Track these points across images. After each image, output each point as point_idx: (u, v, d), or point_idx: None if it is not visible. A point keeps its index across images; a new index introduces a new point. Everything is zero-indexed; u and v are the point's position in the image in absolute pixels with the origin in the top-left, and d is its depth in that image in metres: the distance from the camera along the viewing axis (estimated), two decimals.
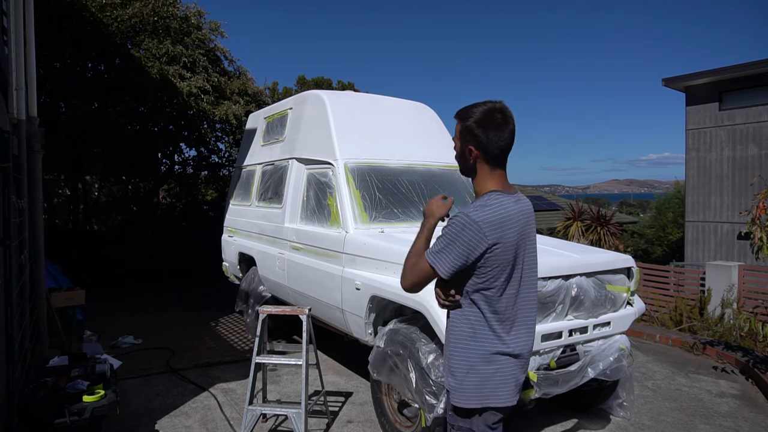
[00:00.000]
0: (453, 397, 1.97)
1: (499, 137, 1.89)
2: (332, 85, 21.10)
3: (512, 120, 1.92)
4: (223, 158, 11.16)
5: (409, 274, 1.93)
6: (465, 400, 1.94)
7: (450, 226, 1.87)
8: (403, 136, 5.02)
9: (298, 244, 4.82)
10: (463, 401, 1.95)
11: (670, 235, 20.82)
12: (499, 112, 1.90)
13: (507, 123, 1.90)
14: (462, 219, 1.84)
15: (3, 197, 3.07)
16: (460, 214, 1.86)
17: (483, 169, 1.94)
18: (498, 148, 1.90)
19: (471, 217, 1.83)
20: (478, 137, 1.90)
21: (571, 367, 3.32)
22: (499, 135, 1.89)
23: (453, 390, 1.97)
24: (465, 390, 1.94)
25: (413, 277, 1.91)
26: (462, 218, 1.84)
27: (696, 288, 8.34)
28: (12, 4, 3.79)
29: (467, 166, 1.99)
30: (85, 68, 8.98)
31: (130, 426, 3.82)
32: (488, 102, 1.94)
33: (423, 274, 1.90)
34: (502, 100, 1.95)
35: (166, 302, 8.26)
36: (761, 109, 12.79)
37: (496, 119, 1.89)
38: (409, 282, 1.93)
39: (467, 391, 1.94)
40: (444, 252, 1.85)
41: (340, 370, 5.13)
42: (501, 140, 1.89)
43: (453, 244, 1.84)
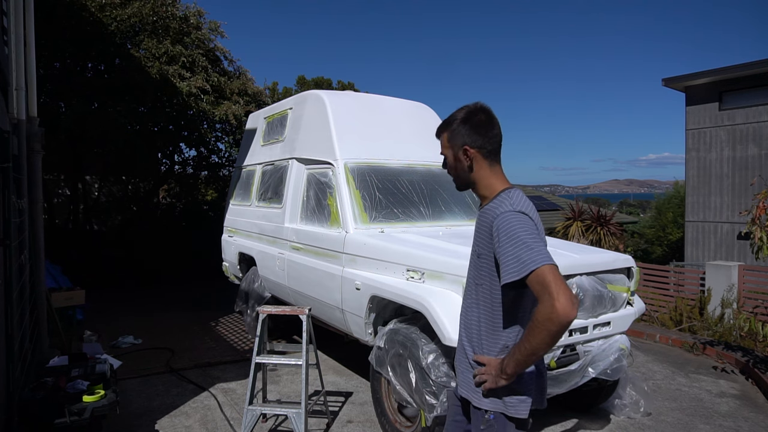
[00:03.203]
0: (515, 407, 1.78)
1: (490, 129, 1.84)
2: (332, 85, 21.10)
3: (494, 114, 1.88)
4: (223, 158, 11.17)
5: (558, 301, 1.53)
6: (526, 408, 1.79)
7: (506, 228, 1.68)
8: (403, 136, 5.02)
9: (298, 244, 4.82)
10: (524, 410, 1.79)
11: (670, 235, 20.83)
12: (480, 110, 1.86)
13: (491, 116, 1.86)
14: (508, 216, 1.69)
15: (3, 197, 3.07)
16: (504, 213, 1.71)
17: (483, 169, 1.85)
18: (492, 138, 1.84)
19: (513, 209, 1.71)
20: (469, 134, 1.83)
21: (571, 367, 3.33)
22: (489, 127, 1.84)
23: (516, 398, 1.78)
24: (529, 395, 1.80)
25: (563, 293, 1.54)
26: (507, 216, 1.70)
27: (696, 288, 8.34)
28: (12, 4, 3.78)
29: (464, 171, 1.87)
30: (85, 68, 8.98)
31: (130, 426, 3.82)
32: (465, 106, 1.89)
33: (552, 279, 1.57)
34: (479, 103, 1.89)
35: (166, 302, 8.26)
36: (761, 109, 12.79)
37: (480, 115, 1.85)
38: (563, 301, 1.53)
39: (530, 396, 1.80)
40: (530, 247, 1.62)
41: (340, 370, 5.13)
42: (493, 131, 1.84)
43: (526, 236, 1.65)
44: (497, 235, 1.70)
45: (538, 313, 1.58)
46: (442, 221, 4.51)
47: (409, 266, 3.50)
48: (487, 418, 1.80)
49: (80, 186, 10.96)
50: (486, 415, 1.80)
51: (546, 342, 1.58)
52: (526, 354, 1.64)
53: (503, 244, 1.67)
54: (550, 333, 1.56)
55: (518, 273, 1.61)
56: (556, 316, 1.53)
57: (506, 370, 1.70)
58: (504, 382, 1.73)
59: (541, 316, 1.56)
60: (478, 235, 1.86)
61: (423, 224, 4.40)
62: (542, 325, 1.56)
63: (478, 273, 1.85)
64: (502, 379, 1.72)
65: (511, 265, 1.63)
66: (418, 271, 3.43)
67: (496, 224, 1.72)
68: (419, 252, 3.52)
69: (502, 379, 1.72)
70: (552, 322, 1.54)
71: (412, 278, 3.46)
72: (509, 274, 1.63)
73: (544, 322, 1.56)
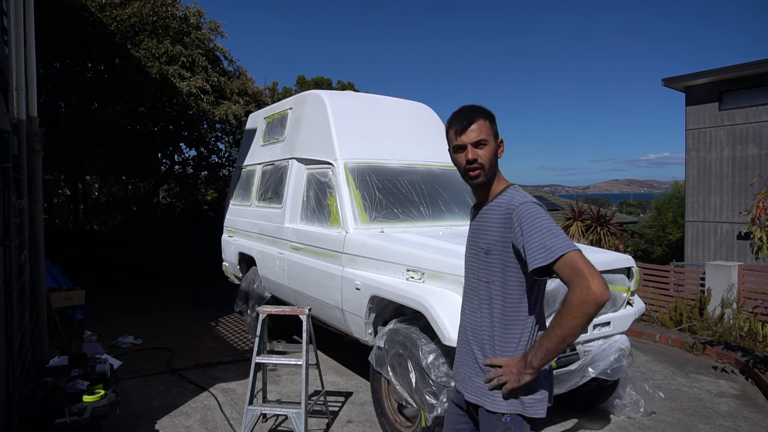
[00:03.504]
0: (533, 407, 1.76)
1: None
2: (332, 85, 21.09)
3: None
4: (223, 158, 11.17)
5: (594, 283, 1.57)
6: (544, 407, 1.78)
7: (529, 217, 1.69)
8: (403, 136, 5.02)
9: (298, 244, 4.82)
10: (542, 409, 1.78)
11: (670, 235, 20.84)
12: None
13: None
14: (530, 206, 1.71)
15: (3, 197, 3.07)
16: (523, 204, 1.72)
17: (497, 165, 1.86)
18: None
19: (532, 201, 1.74)
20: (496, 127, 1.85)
21: (571, 367, 3.32)
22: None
23: (534, 398, 1.76)
24: (546, 392, 1.79)
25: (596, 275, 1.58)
26: (529, 205, 1.71)
27: (696, 288, 8.34)
28: (12, 4, 3.78)
29: (495, 163, 1.83)
30: (85, 68, 8.97)
31: (130, 426, 3.82)
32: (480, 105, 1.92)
33: (584, 263, 1.60)
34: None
35: (166, 302, 8.26)
36: (761, 109, 12.80)
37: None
38: (598, 282, 1.57)
39: (546, 394, 1.80)
40: (555, 234, 1.64)
41: (340, 370, 5.13)
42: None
43: (549, 224, 1.67)
44: (519, 224, 1.69)
45: (573, 296, 1.58)
46: (442, 221, 4.51)
47: (409, 266, 3.51)
48: (504, 421, 1.76)
49: (80, 186, 10.96)
50: (503, 418, 1.76)
51: (581, 325, 1.59)
52: (557, 341, 1.63)
53: (528, 232, 1.67)
54: (587, 315, 1.57)
55: (545, 259, 1.62)
56: (592, 297, 1.55)
57: (532, 363, 1.68)
58: (529, 378, 1.70)
59: (576, 299, 1.57)
60: (484, 231, 1.83)
61: (423, 224, 4.40)
62: (579, 308, 1.57)
63: (488, 270, 1.82)
64: (527, 375, 1.70)
65: (538, 252, 1.63)
66: (418, 271, 3.43)
67: (518, 214, 1.71)
68: (419, 252, 3.52)
69: (527, 375, 1.70)
70: (588, 303, 1.56)
71: (412, 278, 3.46)
72: (537, 260, 1.63)
73: (580, 304, 1.57)
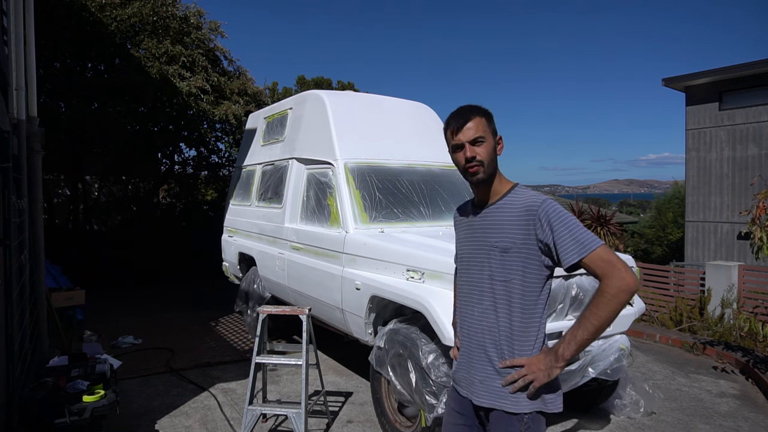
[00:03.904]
0: (553, 403, 1.80)
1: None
2: (332, 85, 21.09)
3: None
4: (223, 158, 11.17)
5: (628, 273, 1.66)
6: (561, 400, 1.82)
7: (558, 214, 1.72)
8: (403, 136, 5.02)
9: (298, 244, 4.82)
10: (560, 403, 1.82)
11: (670, 235, 20.83)
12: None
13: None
14: (553, 203, 1.75)
15: (3, 197, 3.07)
16: (546, 201, 1.75)
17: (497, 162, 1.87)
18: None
19: (548, 198, 1.77)
20: (494, 125, 1.86)
21: (571, 367, 3.32)
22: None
23: (554, 394, 1.81)
24: (560, 387, 1.84)
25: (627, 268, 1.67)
26: (552, 202, 1.75)
27: (696, 288, 8.34)
28: (12, 4, 3.78)
29: (494, 160, 1.83)
30: (85, 68, 8.98)
31: (130, 426, 3.82)
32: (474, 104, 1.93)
33: (614, 255, 1.69)
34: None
35: (166, 302, 8.26)
36: (761, 109, 12.79)
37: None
38: (631, 272, 1.67)
39: (561, 389, 1.85)
40: (584, 229, 1.71)
41: (340, 370, 5.13)
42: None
43: (576, 219, 1.74)
44: (548, 221, 1.71)
45: (610, 287, 1.65)
46: (442, 221, 4.51)
47: (409, 266, 3.50)
48: (526, 420, 1.78)
49: (80, 186, 10.96)
50: (525, 418, 1.78)
51: (615, 313, 1.67)
52: (592, 331, 1.68)
53: (559, 229, 1.70)
54: (622, 303, 1.66)
55: (579, 254, 1.68)
56: (627, 286, 1.64)
57: (564, 355, 1.70)
58: (558, 371, 1.73)
59: (613, 289, 1.65)
60: (501, 229, 1.80)
61: (423, 224, 4.40)
62: (615, 297, 1.65)
63: (506, 269, 1.79)
64: (557, 369, 1.73)
65: (571, 247, 1.69)
66: (418, 271, 3.43)
67: (545, 212, 1.72)
68: (419, 252, 3.52)
69: (557, 369, 1.73)
70: (624, 292, 1.65)
71: (412, 278, 3.46)
72: (571, 255, 1.69)
73: (617, 294, 1.65)
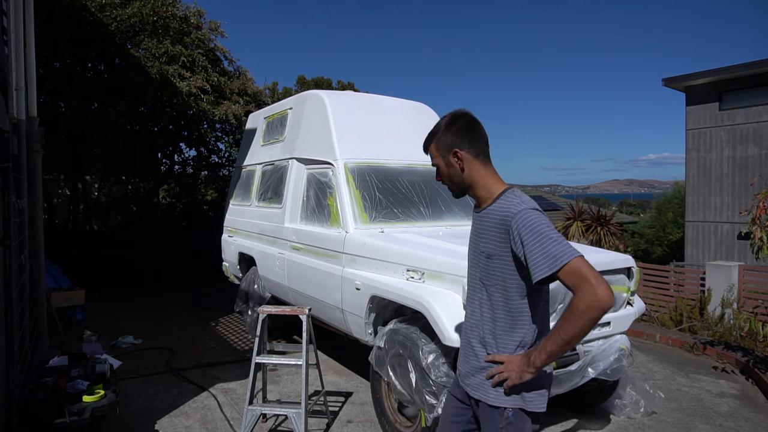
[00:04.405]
0: (534, 402, 1.82)
1: (474, 130, 1.87)
2: (332, 85, 21.11)
3: (475, 117, 1.91)
4: (223, 158, 11.16)
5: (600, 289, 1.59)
6: (544, 401, 1.84)
7: (529, 226, 1.69)
8: (403, 136, 5.02)
9: (298, 244, 4.82)
10: (542, 403, 1.84)
11: (670, 235, 20.84)
12: (462, 114, 1.90)
13: (474, 118, 1.90)
14: (529, 213, 1.71)
15: (3, 197, 3.07)
16: (522, 212, 1.72)
17: (477, 169, 1.86)
18: (478, 138, 1.87)
19: (528, 207, 1.74)
20: (455, 138, 1.86)
21: (571, 367, 3.32)
22: (473, 129, 1.88)
23: (535, 392, 1.82)
24: (546, 387, 1.85)
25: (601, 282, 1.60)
26: (528, 213, 1.71)
27: (696, 288, 8.34)
28: (12, 4, 3.78)
29: (458, 175, 1.87)
30: (85, 68, 8.97)
31: (130, 426, 3.82)
32: (447, 114, 1.92)
33: (588, 269, 1.62)
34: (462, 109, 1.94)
35: (166, 302, 8.26)
36: (761, 109, 12.80)
37: (462, 119, 1.88)
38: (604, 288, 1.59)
39: (547, 389, 1.86)
40: (557, 241, 1.65)
41: (340, 370, 5.13)
42: (477, 132, 1.88)
43: (550, 231, 1.67)
44: (519, 233, 1.70)
45: (580, 302, 1.60)
46: (442, 221, 4.51)
47: (409, 266, 3.50)
48: (507, 416, 1.82)
49: (80, 186, 10.96)
50: (505, 413, 1.82)
51: (585, 329, 1.63)
52: (560, 344, 1.67)
53: (529, 242, 1.67)
54: (592, 320, 1.61)
55: (550, 268, 1.63)
56: (598, 303, 1.58)
57: (535, 363, 1.72)
58: (530, 376, 1.74)
59: (583, 305, 1.60)
60: (484, 235, 1.85)
61: (423, 224, 4.40)
62: (585, 313, 1.60)
63: (488, 274, 1.84)
64: (528, 373, 1.74)
65: (541, 261, 1.65)
66: (418, 271, 3.43)
67: (516, 223, 1.71)
68: (419, 252, 3.52)
69: (528, 373, 1.74)
70: (594, 309, 1.59)
71: (412, 278, 3.46)
72: (541, 270, 1.65)
73: (586, 310, 1.60)
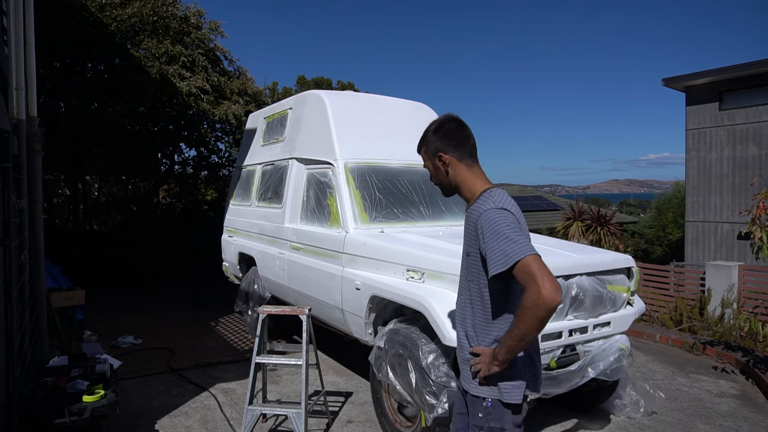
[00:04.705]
0: (509, 393, 1.88)
1: (460, 133, 1.98)
2: (332, 85, 21.11)
3: (463, 121, 2.03)
4: (223, 158, 11.16)
5: (544, 288, 1.65)
6: (519, 393, 1.89)
7: (490, 225, 1.79)
8: (403, 136, 5.02)
9: (298, 244, 4.82)
10: (517, 395, 1.88)
11: (670, 235, 20.84)
12: (449, 119, 2.02)
13: (461, 123, 2.02)
14: (491, 213, 1.81)
15: (3, 197, 3.07)
16: (487, 211, 1.82)
17: (461, 171, 1.98)
18: (464, 142, 1.98)
19: (496, 207, 1.83)
20: (441, 141, 1.98)
21: (571, 367, 3.32)
22: (459, 132, 1.98)
23: (510, 384, 1.88)
24: (523, 380, 1.89)
25: (548, 280, 1.66)
26: (491, 213, 1.81)
27: (696, 288, 8.34)
28: (12, 4, 3.78)
29: (444, 177, 2.01)
30: (85, 68, 8.97)
31: (130, 426, 3.82)
32: (437, 118, 2.07)
33: (537, 268, 1.68)
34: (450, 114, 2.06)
35: (166, 302, 8.26)
36: (761, 109, 12.80)
37: (449, 124, 2.00)
38: (549, 287, 1.65)
39: (524, 381, 1.90)
40: (513, 240, 1.73)
41: (340, 370, 5.13)
42: (463, 135, 1.98)
43: (509, 230, 1.76)
44: (482, 231, 1.82)
45: (526, 301, 1.69)
46: (442, 221, 4.51)
47: (409, 266, 3.50)
48: (485, 406, 1.90)
49: (80, 186, 10.96)
50: (484, 403, 1.91)
51: (535, 327, 1.70)
52: (516, 340, 1.75)
53: (488, 240, 1.79)
54: (539, 318, 1.68)
55: (504, 264, 1.73)
56: (543, 301, 1.65)
57: (498, 357, 1.82)
58: (497, 369, 1.84)
59: (529, 303, 1.68)
60: (467, 234, 1.98)
61: (423, 224, 4.40)
62: (530, 311, 1.68)
63: (469, 271, 1.96)
64: (495, 366, 1.83)
65: (497, 258, 1.75)
66: (418, 271, 3.43)
67: (480, 222, 1.83)
68: (419, 252, 3.52)
69: (495, 366, 1.83)
70: (539, 307, 1.66)
71: (412, 278, 3.46)
72: (495, 267, 1.75)
73: (532, 308, 1.67)
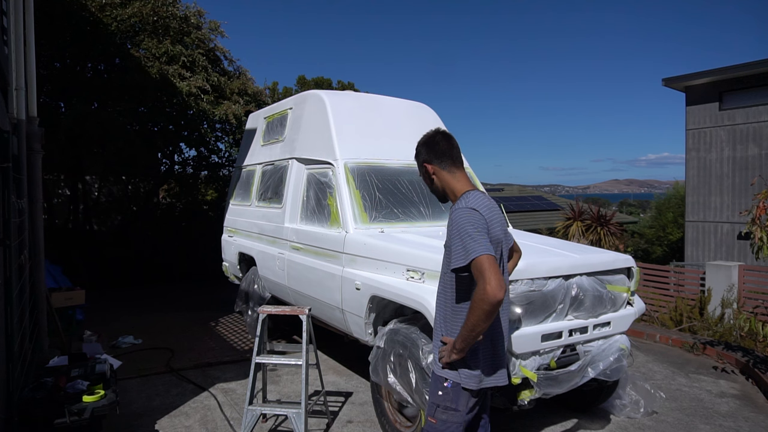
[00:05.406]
0: (467, 379, 2.10)
1: (443, 145, 2.25)
2: (332, 85, 21.11)
3: (448, 132, 2.33)
4: (223, 158, 11.16)
5: (489, 285, 1.87)
6: (475, 382, 2.11)
7: (456, 222, 2.02)
8: (403, 136, 5.01)
9: (298, 244, 4.82)
10: (473, 383, 2.10)
11: (670, 235, 20.84)
12: (435, 133, 2.30)
13: (445, 135, 2.30)
14: (460, 211, 2.05)
15: (3, 197, 3.07)
16: (456, 210, 2.08)
17: (444, 178, 2.24)
18: (446, 152, 2.24)
19: (467, 206, 2.06)
20: (427, 153, 2.27)
21: (571, 367, 3.32)
22: (442, 145, 2.25)
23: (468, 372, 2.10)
24: (481, 370, 2.11)
25: (494, 279, 1.87)
26: (460, 211, 2.06)
27: (696, 288, 8.33)
28: (12, 4, 3.79)
29: (433, 185, 2.28)
30: (85, 68, 8.97)
31: (130, 426, 3.82)
32: (426, 132, 2.34)
33: (488, 267, 1.89)
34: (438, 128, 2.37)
35: (166, 302, 8.26)
36: (761, 108, 12.79)
37: (435, 137, 2.28)
38: (494, 284, 1.87)
39: (482, 371, 2.12)
40: (474, 238, 1.95)
41: (340, 370, 5.13)
42: (445, 146, 2.25)
43: (471, 229, 1.98)
44: (449, 228, 2.07)
45: (475, 295, 1.92)
46: (442, 221, 4.51)
47: (409, 266, 3.50)
48: (446, 386, 2.14)
49: (80, 186, 10.95)
50: (445, 383, 2.14)
51: (482, 319, 1.90)
52: (467, 330, 1.96)
53: (453, 236, 2.03)
54: (485, 311, 1.88)
55: (464, 260, 1.95)
56: (487, 297, 1.87)
57: (456, 345, 2.03)
58: (456, 357, 2.05)
59: (476, 297, 1.90)
60: (447, 231, 2.17)
61: (423, 224, 4.40)
62: (477, 304, 1.90)
63: (447, 263, 2.16)
64: (454, 354, 2.05)
65: (459, 253, 1.98)
66: (418, 271, 3.43)
67: (450, 219, 2.09)
68: (419, 252, 3.52)
69: (454, 354, 2.05)
70: (484, 302, 1.88)
71: (412, 278, 3.46)
72: (456, 261, 1.98)
73: (478, 302, 1.89)
